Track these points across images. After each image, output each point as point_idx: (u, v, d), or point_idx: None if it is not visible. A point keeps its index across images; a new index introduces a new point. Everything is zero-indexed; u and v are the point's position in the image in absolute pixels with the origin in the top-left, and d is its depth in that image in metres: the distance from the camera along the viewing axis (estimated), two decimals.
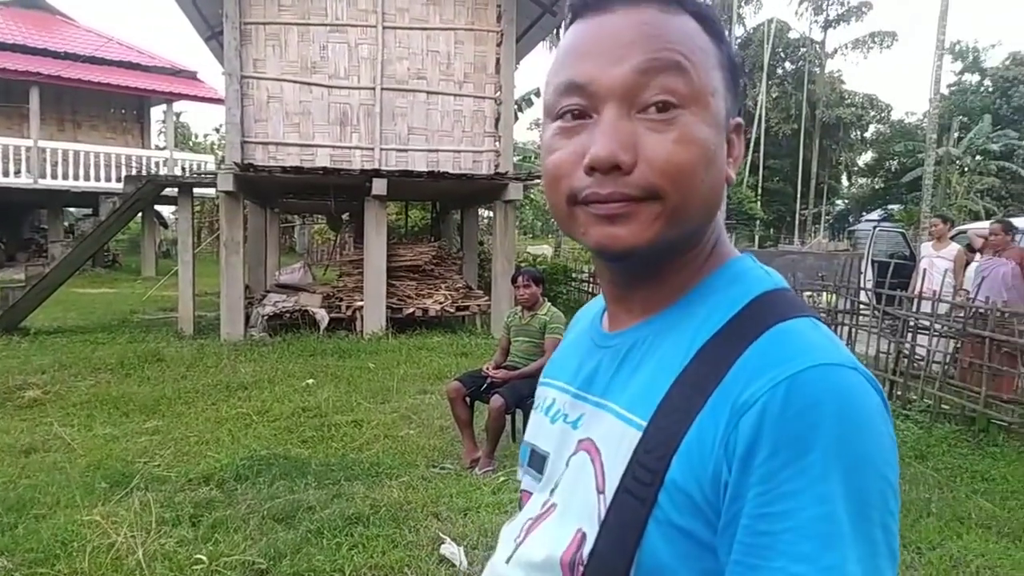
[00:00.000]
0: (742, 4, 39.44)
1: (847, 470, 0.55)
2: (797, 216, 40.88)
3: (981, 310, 5.71)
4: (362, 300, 10.00)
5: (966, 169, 32.74)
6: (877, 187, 43.46)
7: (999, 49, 60.51)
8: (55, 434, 5.24)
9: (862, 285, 9.03)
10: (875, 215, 38.94)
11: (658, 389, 0.65)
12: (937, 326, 6.07)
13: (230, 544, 3.44)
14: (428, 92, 10.13)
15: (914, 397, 6.10)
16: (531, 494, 0.80)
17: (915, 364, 6.21)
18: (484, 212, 17.35)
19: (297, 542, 3.49)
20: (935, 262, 7.59)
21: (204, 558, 3.25)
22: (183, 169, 18.42)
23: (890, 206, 40.34)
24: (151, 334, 9.66)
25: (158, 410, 6.01)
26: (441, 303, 10.43)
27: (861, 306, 7.11)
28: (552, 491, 0.74)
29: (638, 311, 0.73)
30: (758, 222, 36.27)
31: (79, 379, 7.04)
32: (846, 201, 47.61)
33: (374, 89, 9.86)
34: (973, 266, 7.32)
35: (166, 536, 3.51)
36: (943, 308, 6.13)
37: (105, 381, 7.02)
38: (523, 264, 15.77)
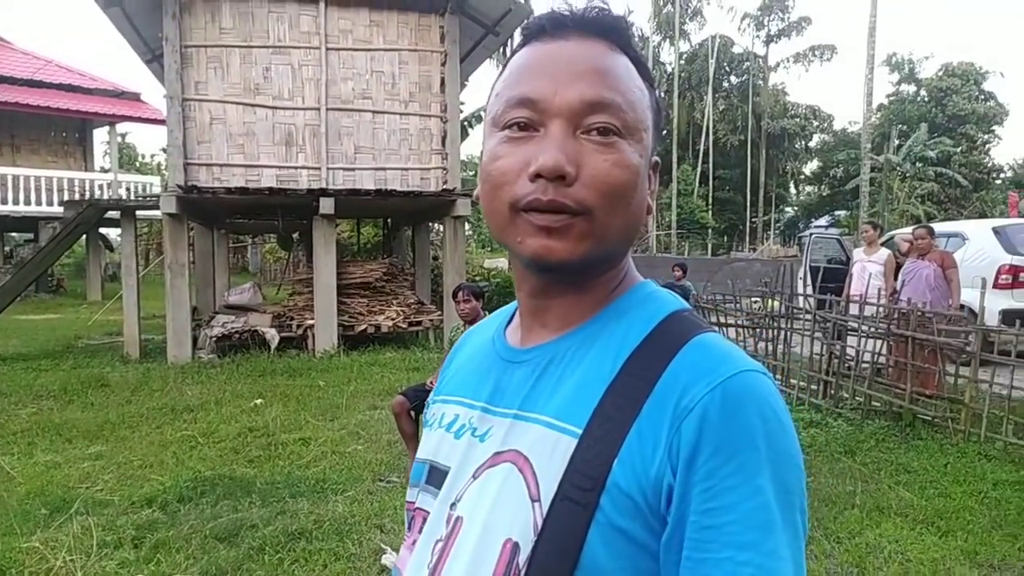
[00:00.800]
0: (686, 20, 40.44)
1: (773, 464, 0.62)
2: (748, 224, 41.87)
3: (904, 311, 6.01)
4: (313, 318, 9.99)
5: (906, 175, 33.98)
6: (824, 194, 44.74)
7: (933, 61, 63.06)
8: None
9: (799, 290, 9.39)
10: (823, 221, 40.03)
11: (589, 398, 0.68)
12: (865, 327, 6.36)
13: (171, 564, 3.46)
14: (374, 112, 10.22)
15: (846, 395, 6.37)
16: (427, 512, 0.78)
17: (846, 364, 6.48)
18: (438, 226, 17.44)
19: (239, 559, 3.53)
20: (866, 266, 7.92)
21: None
22: (128, 191, 18.14)
23: (836, 212, 41.52)
24: (96, 359, 9.49)
25: (101, 435, 5.94)
26: (393, 319, 10.48)
27: (795, 310, 7.37)
28: (454, 504, 0.73)
29: (555, 325, 0.75)
30: (710, 231, 37.06)
31: (20, 407, 6.91)
32: (795, 208, 48.83)
33: (319, 109, 9.91)
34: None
35: (107, 559, 3.51)
36: (870, 310, 6.42)
37: (47, 408, 6.90)
38: (477, 278, 15.92)
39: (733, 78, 44.03)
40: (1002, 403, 5.35)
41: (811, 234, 12.40)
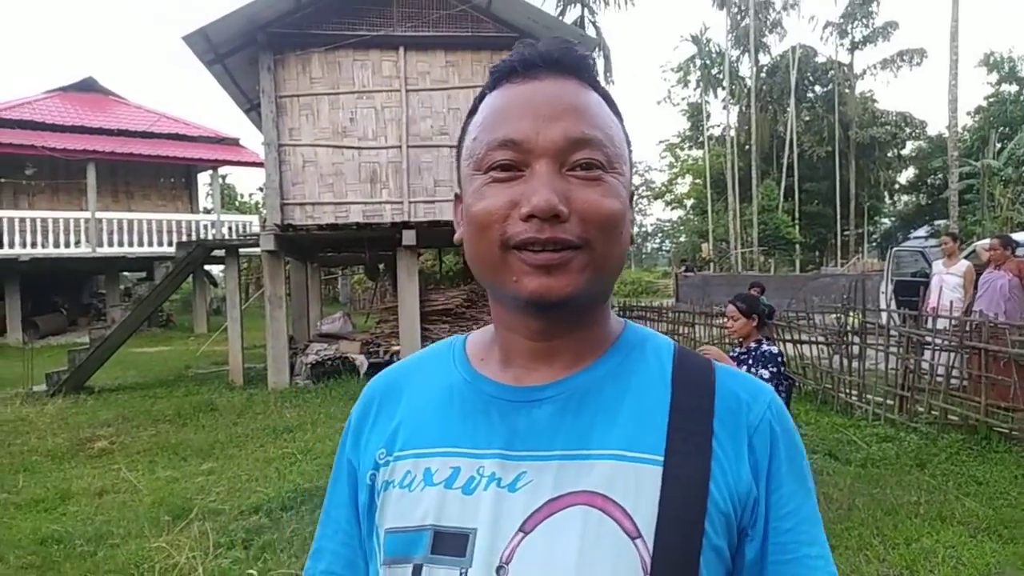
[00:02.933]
0: (766, 32, 39.93)
1: (806, 463, 0.74)
2: (839, 238, 40.53)
3: (977, 323, 5.97)
4: (399, 344, 10.56)
5: (1009, 180, 32.29)
6: (922, 203, 42.89)
7: None
8: (123, 478, 5.84)
9: (882, 305, 9.27)
10: (921, 231, 38.37)
11: (655, 425, 0.69)
12: (939, 341, 6.32)
13: (277, 562, 3.93)
14: (452, 147, 10.78)
15: (921, 409, 6.34)
16: None
17: (921, 378, 6.44)
18: None
19: None
20: (945, 279, 7.80)
21: (255, 573, 3.75)
22: (229, 230, 19.49)
23: (936, 221, 39.73)
24: (205, 386, 10.35)
25: (212, 453, 6.59)
26: None
27: (868, 325, 7.36)
28: (501, 568, 0.66)
29: (567, 361, 0.73)
30: (798, 246, 36.13)
31: (141, 430, 7.69)
32: (892, 219, 46.95)
33: (400, 147, 10.57)
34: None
35: (222, 558, 4.02)
36: (943, 323, 6.38)
37: (164, 431, 7.65)
38: None
39: (817, 88, 42.99)
40: None
41: (893, 249, 12.16)
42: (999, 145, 33.80)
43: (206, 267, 20.61)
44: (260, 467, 6.04)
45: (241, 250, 12.21)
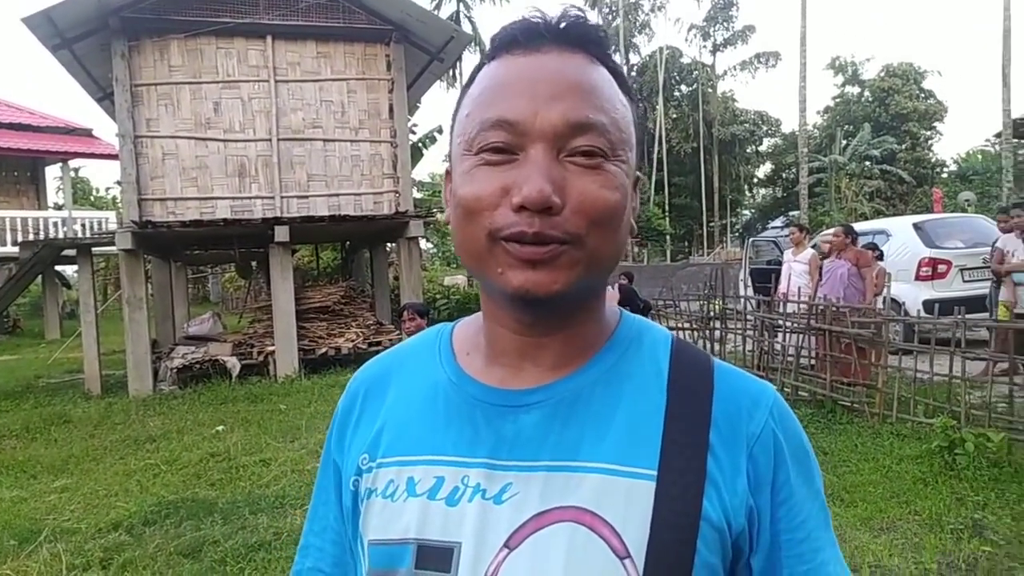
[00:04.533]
0: (635, 33, 41.48)
1: (815, 463, 0.71)
2: (706, 228, 42.77)
3: (821, 307, 6.49)
4: (273, 345, 10.21)
5: (853, 174, 35.17)
6: (778, 196, 45.96)
7: (874, 62, 65.21)
8: None
9: (740, 292, 9.89)
10: (779, 222, 41.21)
11: (649, 436, 0.65)
12: (789, 324, 6.83)
13: None
14: (325, 140, 10.52)
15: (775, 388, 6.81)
16: None
17: (774, 358, 6.93)
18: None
19: (202, 572, 3.80)
20: (793, 266, 8.41)
21: None
22: (83, 227, 18.12)
23: (791, 212, 42.69)
24: (57, 397, 9.58)
25: (66, 469, 6.12)
26: (353, 340, 10.74)
27: (728, 311, 7.84)
28: None
29: (552, 362, 0.69)
30: (668, 237, 37.85)
31: None
32: (752, 211, 50.00)
33: (271, 140, 10.19)
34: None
35: None
36: (792, 308, 6.90)
37: (10, 447, 7.03)
38: (437, 295, 16.24)
39: (684, 87, 45.11)
40: (916, 387, 5.83)
41: (749, 239, 12.99)
42: (844, 142, 36.79)
43: (58, 268, 19.08)
44: (120, 481, 5.68)
45: (96, 249, 11.38)
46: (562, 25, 0.65)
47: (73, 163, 20.36)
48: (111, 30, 9.46)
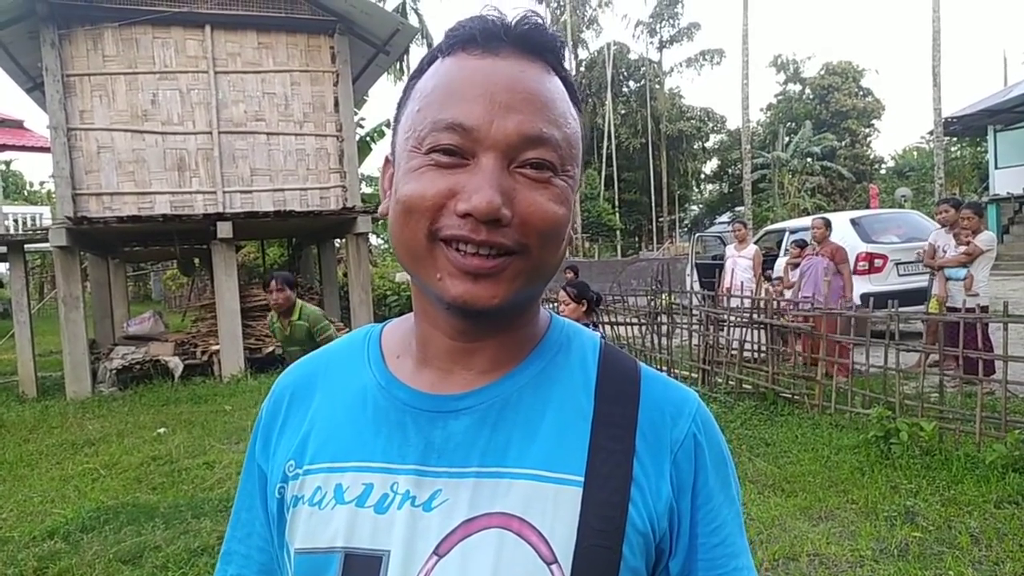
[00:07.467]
0: (584, 28, 41.69)
1: (733, 469, 0.73)
2: (655, 224, 43.35)
3: (760, 302, 6.64)
4: (218, 344, 9.97)
5: (795, 171, 36.11)
6: (725, 191, 46.87)
7: (815, 60, 67.00)
8: None
9: (687, 287, 10.06)
10: (725, 217, 42.04)
11: (576, 442, 0.66)
12: (732, 319, 6.98)
13: None
14: (268, 133, 10.30)
15: (720, 381, 6.97)
16: None
17: (719, 352, 7.07)
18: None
19: None
20: (738, 261, 8.61)
21: None
22: (15, 223, 17.38)
23: (737, 208, 43.56)
24: None
25: None
26: None
27: (674, 306, 7.97)
28: None
29: (484, 366, 0.69)
30: (618, 232, 38.26)
31: None
32: (700, 206, 50.87)
33: (211, 133, 9.93)
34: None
35: None
36: (735, 303, 7.04)
37: None
38: (388, 292, 16.08)
39: (632, 83, 45.55)
40: (854, 378, 6.02)
41: (695, 235, 13.23)
42: (787, 139, 37.71)
43: None
44: (56, 487, 5.48)
45: (30, 246, 10.94)
46: (522, 31, 0.64)
47: (4, 156, 19.47)
48: (39, 17, 9.07)
